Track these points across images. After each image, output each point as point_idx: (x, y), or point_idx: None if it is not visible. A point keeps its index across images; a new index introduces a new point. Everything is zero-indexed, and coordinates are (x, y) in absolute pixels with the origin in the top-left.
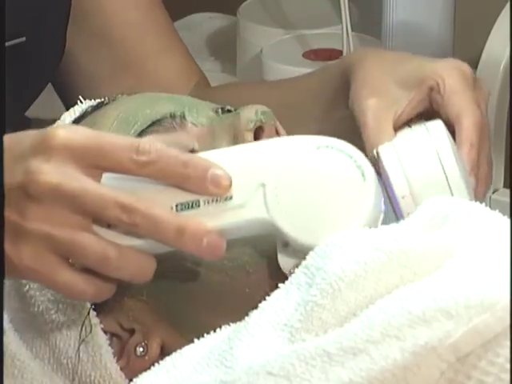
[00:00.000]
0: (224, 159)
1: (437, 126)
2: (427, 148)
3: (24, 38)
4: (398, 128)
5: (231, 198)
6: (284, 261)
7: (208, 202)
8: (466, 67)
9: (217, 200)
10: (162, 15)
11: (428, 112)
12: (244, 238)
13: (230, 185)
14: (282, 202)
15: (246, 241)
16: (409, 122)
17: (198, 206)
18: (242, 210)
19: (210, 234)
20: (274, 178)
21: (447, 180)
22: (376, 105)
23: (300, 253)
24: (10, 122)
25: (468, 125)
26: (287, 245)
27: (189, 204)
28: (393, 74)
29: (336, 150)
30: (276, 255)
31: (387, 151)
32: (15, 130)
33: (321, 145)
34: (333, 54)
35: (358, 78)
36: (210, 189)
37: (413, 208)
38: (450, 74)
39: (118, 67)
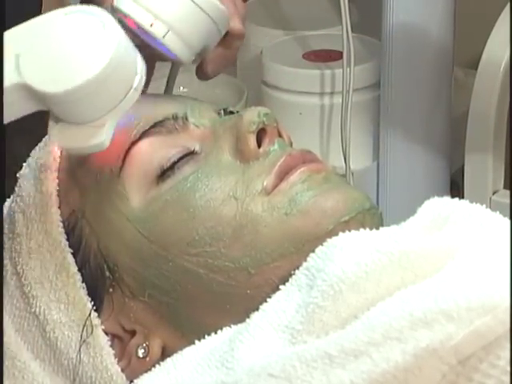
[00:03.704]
0: None
1: None
2: None
3: None
4: None
5: None
6: (55, 134)
7: None
8: None
9: None
10: None
11: None
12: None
13: None
14: (34, 64)
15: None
16: None
17: None
18: None
19: None
20: (27, 47)
21: None
22: None
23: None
24: None
25: None
26: (58, 120)
27: None
28: None
29: (82, 13)
30: None
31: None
32: None
33: (69, 11)
34: (333, 55)
35: None
36: None
37: (165, 29)
38: None
39: None
